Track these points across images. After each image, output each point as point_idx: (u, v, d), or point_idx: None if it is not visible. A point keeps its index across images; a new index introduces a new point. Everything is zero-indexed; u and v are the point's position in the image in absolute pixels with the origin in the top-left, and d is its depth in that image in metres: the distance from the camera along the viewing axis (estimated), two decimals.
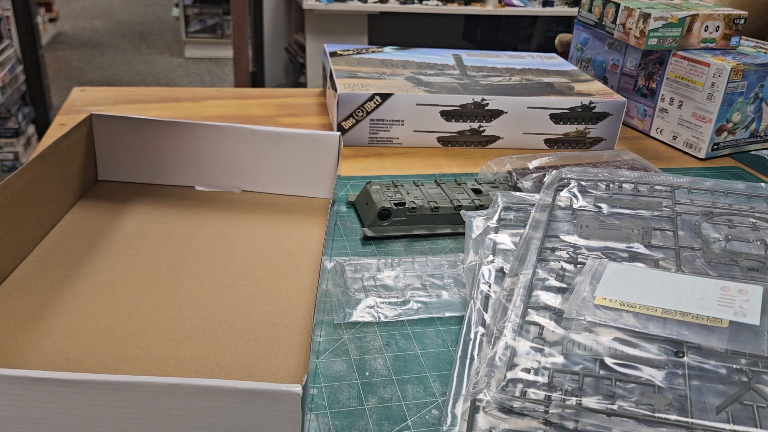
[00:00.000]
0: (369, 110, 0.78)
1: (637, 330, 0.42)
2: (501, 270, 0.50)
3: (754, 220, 0.55)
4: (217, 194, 0.64)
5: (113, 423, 0.33)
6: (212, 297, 0.49)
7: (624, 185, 0.60)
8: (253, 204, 0.63)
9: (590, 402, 0.38)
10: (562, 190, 0.59)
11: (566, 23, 3.57)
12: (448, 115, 0.79)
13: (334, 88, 0.79)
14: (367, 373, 0.44)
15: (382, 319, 0.49)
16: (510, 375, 0.40)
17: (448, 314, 0.50)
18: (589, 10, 0.95)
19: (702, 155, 0.83)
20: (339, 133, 0.62)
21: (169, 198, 0.62)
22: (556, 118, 0.81)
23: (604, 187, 0.60)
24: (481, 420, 0.38)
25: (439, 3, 3.10)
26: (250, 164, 0.63)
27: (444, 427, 0.39)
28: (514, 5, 3.18)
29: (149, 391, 0.32)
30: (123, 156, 0.63)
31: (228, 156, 0.63)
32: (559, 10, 3.24)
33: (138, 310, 0.47)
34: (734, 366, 0.40)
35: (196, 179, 0.64)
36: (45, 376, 0.32)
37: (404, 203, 0.60)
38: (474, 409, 0.39)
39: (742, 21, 0.86)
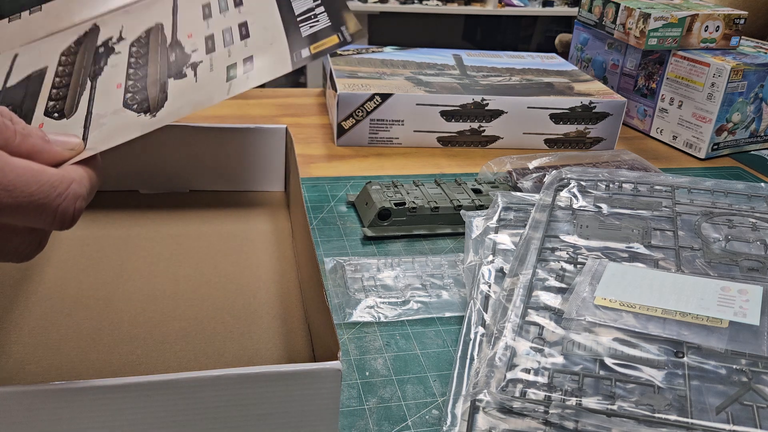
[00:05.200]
0: (369, 110, 0.78)
1: (637, 330, 0.42)
2: (501, 270, 0.50)
3: (754, 220, 0.55)
4: (165, 196, 0.61)
5: (160, 422, 0.32)
6: (192, 296, 0.48)
7: (624, 185, 0.60)
8: (204, 202, 0.61)
9: (590, 402, 0.38)
10: (562, 190, 0.59)
11: (566, 23, 3.57)
12: (448, 115, 0.79)
13: (334, 88, 0.79)
14: (367, 373, 0.44)
15: (382, 319, 0.49)
16: (510, 375, 0.40)
17: (448, 314, 0.50)
18: (589, 10, 0.95)
19: (702, 155, 0.83)
20: (285, 126, 0.60)
21: (115, 203, 0.59)
22: (556, 118, 0.81)
23: (604, 187, 0.60)
24: (481, 420, 0.38)
25: (439, 3, 3.10)
26: (196, 163, 0.61)
27: (444, 427, 0.39)
28: (514, 5, 3.18)
29: (194, 386, 0.32)
30: None
31: (170, 156, 0.60)
32: (559, 10, 3.25)
33: (119, 317, 0.45)
34: (734, 366, 0.40)
35: (139, 182, 0.61)
36: (84, 385, 0.31)
37: (404, 203, 0.60)
38: (474, 409, 0.39)
39: (742, 21, 0.86)
